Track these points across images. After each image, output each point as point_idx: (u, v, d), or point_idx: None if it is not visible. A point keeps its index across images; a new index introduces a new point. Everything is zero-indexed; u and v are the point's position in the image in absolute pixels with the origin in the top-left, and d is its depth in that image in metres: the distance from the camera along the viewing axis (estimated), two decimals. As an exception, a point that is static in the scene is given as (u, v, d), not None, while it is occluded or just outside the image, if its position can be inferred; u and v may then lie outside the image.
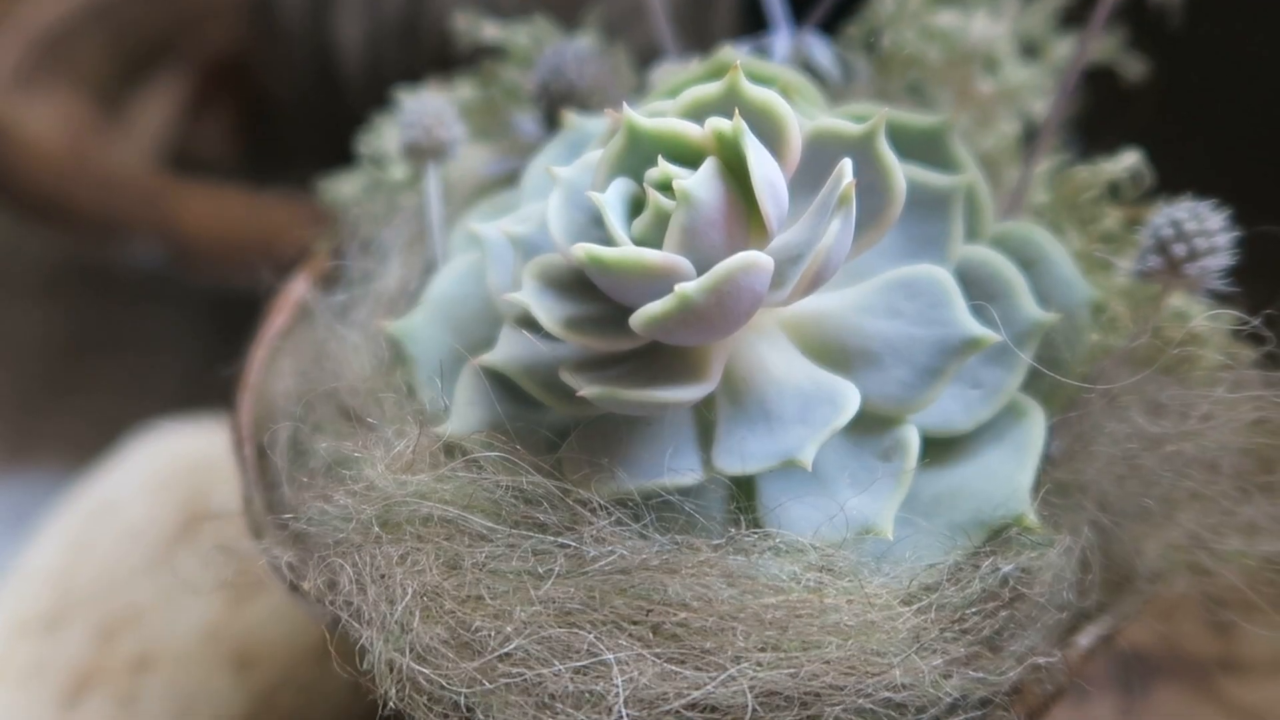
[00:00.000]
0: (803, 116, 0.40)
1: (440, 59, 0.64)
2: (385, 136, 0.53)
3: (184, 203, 0.77)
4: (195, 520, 0.62)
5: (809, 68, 0.50)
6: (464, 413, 0.39)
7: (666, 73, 0.49)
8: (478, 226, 0.42)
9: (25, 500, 0.73)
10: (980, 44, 0.48)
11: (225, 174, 0.88)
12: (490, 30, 0.54)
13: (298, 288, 0.49)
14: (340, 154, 0.57)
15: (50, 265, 0.91)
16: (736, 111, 0.36)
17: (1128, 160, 0.45)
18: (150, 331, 0.86)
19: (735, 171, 0.36)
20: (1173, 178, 0.45)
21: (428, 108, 0.47)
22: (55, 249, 0.89)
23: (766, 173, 0.36)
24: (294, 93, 0.83)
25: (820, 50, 0.50)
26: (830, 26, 0.51)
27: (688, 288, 0.34)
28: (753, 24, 0.54)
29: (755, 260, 0.34)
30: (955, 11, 0.50)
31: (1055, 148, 0.47)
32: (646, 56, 0.56)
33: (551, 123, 0.49)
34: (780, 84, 0.43)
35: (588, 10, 0.58)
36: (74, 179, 0.79)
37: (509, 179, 0.49)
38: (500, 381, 0.39)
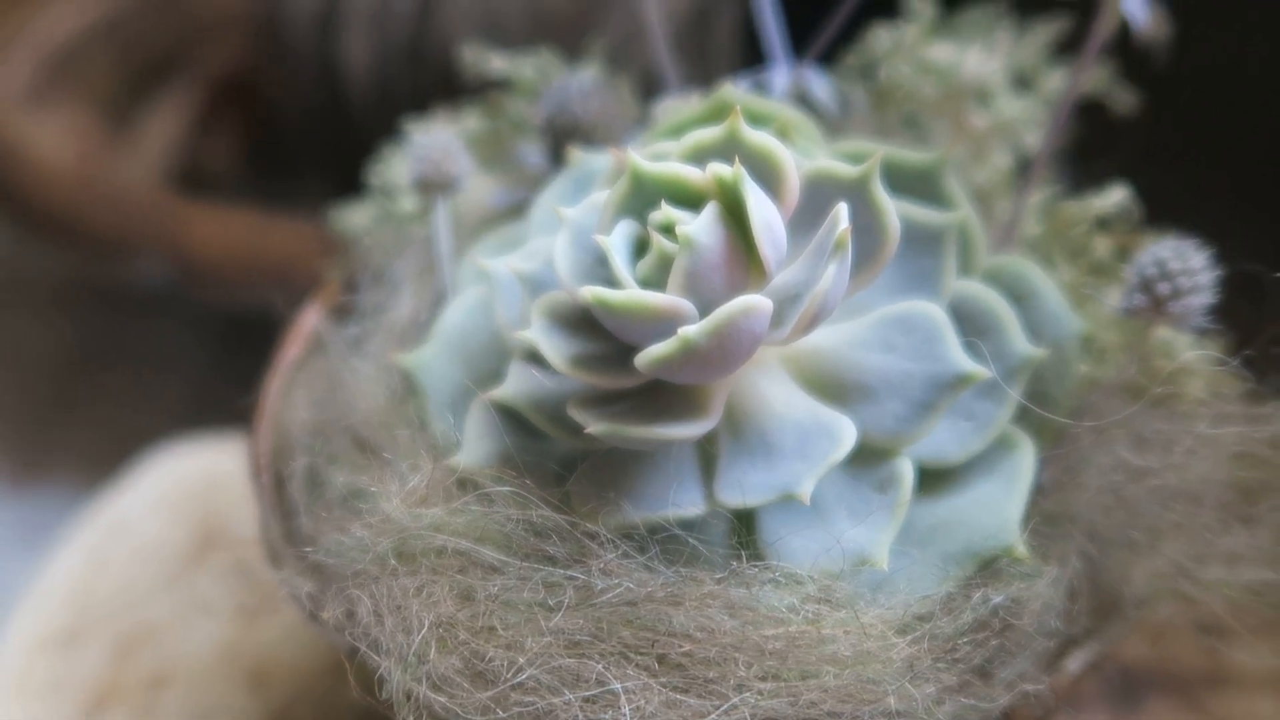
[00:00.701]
0: (801, 156, 0.41)
1: (446, 79, 0.65)
2: (394, 168, 0.54)
3: (191, 222, 0.78)
4: (209, 539, 0.63)
5: (807, 101, 0.51)
6: (475, 446, 0.41)
7: (669, 109, 0.50)
8: (486, 262, 0.44)
9: (38, 516, 0.74)
10: (974, 79, 0.50)
11: (232, 188, 0.90)
12: (497, 63, 0.55)
13: (310, 318, 0.50)
14: (346, 170, 0.58)
15: (59, 281, 0.91)
16: (737, 159, 0.37)
17: (1115, 196, 0.47)
18: (158, 347, 0.87)
19: (735, 215, 0.37)
20: (1171, 192, 0.46)
21: (436, 142, 0.48)
22: (64, 265, 0.90)
23: (765, 217, 0.37)
24: (301, 109, 0.83)
25: (818, 85, 0.51)
26: (829, 54, 0.52)
27: (689, 331, 0.35)
28: (751, 43, 0.55)
29: (755, 304, 0.35)
30: (950, 44, 0.52)
31: (1047, 179, 0.49)
32: (648, 81, 0.57)
33: (557, 155, 0.50)
34: (779, 123, 0.44)
35: (591, 34, 0.59)
36: (82, 197, 0.80)
37: (516, 210, 0.50)
38: (509, 415, 0.40)
